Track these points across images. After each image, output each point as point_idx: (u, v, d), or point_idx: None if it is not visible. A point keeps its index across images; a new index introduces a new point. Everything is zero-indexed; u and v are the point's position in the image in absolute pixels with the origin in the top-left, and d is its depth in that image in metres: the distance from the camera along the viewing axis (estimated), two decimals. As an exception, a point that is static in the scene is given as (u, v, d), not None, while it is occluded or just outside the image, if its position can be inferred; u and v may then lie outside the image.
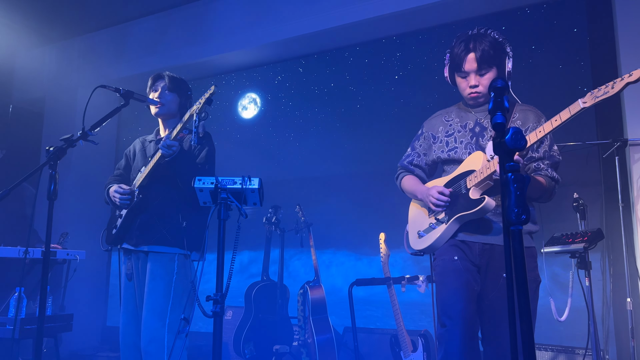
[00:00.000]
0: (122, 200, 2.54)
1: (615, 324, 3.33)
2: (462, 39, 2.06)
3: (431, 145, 2.20)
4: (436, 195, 2.03)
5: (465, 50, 2.02)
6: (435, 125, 2.21)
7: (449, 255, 2.02)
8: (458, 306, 1.91)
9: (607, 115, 3.58)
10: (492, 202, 1.92)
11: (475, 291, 1.95)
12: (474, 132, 2.08)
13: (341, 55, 4.89)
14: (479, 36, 2.03)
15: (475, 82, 2.03)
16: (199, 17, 5.20)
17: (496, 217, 1.99)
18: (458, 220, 2.01)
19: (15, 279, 3.61)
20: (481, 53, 1.98)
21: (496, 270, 1.96)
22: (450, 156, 2.11)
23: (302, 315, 3.75)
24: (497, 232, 1.97)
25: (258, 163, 5.07)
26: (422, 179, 2.26)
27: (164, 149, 2.33)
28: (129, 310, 2.54)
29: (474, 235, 2.00)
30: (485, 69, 2.01)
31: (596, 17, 3.77)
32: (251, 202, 2.07)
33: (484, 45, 1.99)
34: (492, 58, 2.00)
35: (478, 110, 2.11)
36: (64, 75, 5.78)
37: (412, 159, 2.28)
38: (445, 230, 2.03)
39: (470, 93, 2.06)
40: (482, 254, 1.99)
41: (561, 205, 3.45)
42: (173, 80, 2.65)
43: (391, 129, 4.46)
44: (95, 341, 5.51)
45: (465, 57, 2.02)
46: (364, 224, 4.40)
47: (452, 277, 1.97)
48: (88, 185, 5.52)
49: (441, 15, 4.24)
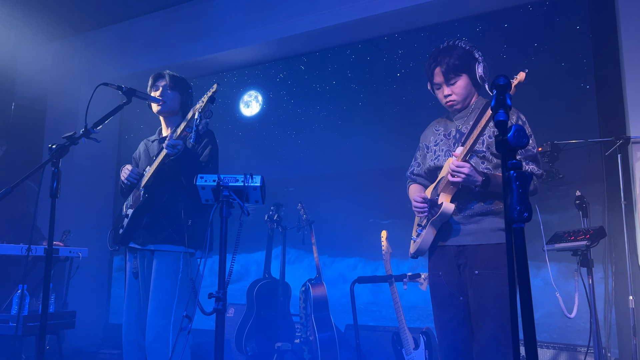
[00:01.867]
0: (129, 178, 2.56)
1: (618, 321, 3.32)
2: (432, 54, 2.19)
3: (425, 155, 2.31)
4: (413, 203, 2.17)
5: (433, 64, 2.15)
6: (428, 135, 2.32)
7: (435, 270, 2.17)
8: (443, 318, 2.10)
9: (609, 113, 3.57)
10: (449, 207, 2.04)
11: (460, 301, 2.07)
12: (455, 138, 2.17)
13: (343, 52, 4.89)
14: (446, 49, 2.13)
15: (448, 91, 2.13)
16: (200, 14, 5.19)
17: (464, 220, 2.07)
18: (432, 225, 2.12)
19: (18, 276, 3.62)
20: (446, 66, 2.09)
21: (469, 269, 2.04)
22: (435, 164, 2.21)
23: (304, 313, 3.75)
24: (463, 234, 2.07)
25: (260, 161, 5.08)
26: (425, 185, 2.36)
27: (169, 148, 2.34)
28: (133, 308, 2.55)
29: (449, 239, 2.11)
30: (454, 78, 2.11)
31: (599, 14, 3.76)
32: (253, 200, 2.08)
33: (449, 58, 2.09)
34: (458, 67, 2.09)
35: (458, 117, 2.21)
36: (66, 72, 5.78)
37: (413, 169, 2.43)
38: (425, 236, 2.15)
39: (447, 102, 2.17)
40: (458, 256, 2.09)
41: (563, 202, 3.45)
42: (173, 79, 2.67)
43: (393, 127, 4.45)
44: (97, 338, 5.53)
45: (433, 71, 2.16)
46: (366, 221, 4.40)
47: (437, 291, 2.15)
48: (90, 183, 5.54)
49: (443, 13, 4.23)
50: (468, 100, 2.15)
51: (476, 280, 2.01)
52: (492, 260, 1.97)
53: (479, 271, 2.00)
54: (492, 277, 1.96)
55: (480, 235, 2.04)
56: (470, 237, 2.05)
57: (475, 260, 2.02)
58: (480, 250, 2.03)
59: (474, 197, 2.06)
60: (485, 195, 2.04)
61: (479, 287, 1.99)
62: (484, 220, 2.04)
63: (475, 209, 2.05)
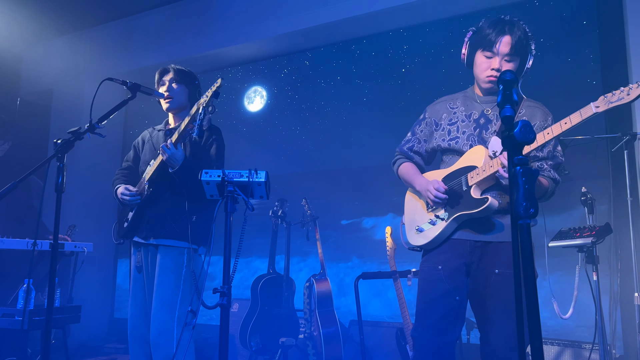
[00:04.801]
0: (131, 201, 2.56)
1: (623, 318, 3.31)
2: (496, 20, 1.99)
3: (433, 132, 2.14)
4: (434, 192, 1.98)
5: (501, 32, 1.94)
6: (439, 111, 2.14)
7: (434, 262, 2.01)
8: (433, 317, 1.95)
9: (616, 109, 3.53)
10: (495, 203, 1.88)
11: (456, 300, 1.94)
12: (478, 123, 2.02)
13: (348, 48, 4.87)
14: (514, 22, 1.97)
15: (499, 65, 1.96)
16: (205, 9, 5.19)
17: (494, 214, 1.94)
18: (458, 219, 1.97)
19: (23, 270, 3.64)
20: (517, 39, 1.93)
21: (487, 267, 1.93)
22: (451, 146, 2.05)
23: (308, 308, 3.76)
24: (491, 230, 1.94)
25: (264, 156, 5.07)
26: (421, 167, 2.21)
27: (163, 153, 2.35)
28: (138, 303, 2.56)
29: (465, 232, 1.97)
30: (513, 57, 1.96)
31: (606, 9, 3.73)
32: (258, 195, 2.08)
33: (520, 32, 1.94)
34: (523, 48, 1.96)
35: (484, 100, 2.05)
36: (71, 68, 5.79)
37: (412, 145, 2.22)
38: (444, 228, 1.99)
39: (489, 76, 1.98)
40: (472, 251, 1.96)
41: (569, 199, 3.43)
42: (179, 73, 2.65)
43: (398, 122, 4.43)
44: (102, 332, 5.56)
45: (500, 38, 1.94)
46: (370, 217, 4.40)
47: (432, 286, 1.98)
48: (96, 177, 5.55)
49: (449, 8, 4.21)
50: None
51: (495, 280, 1.90)
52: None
53: (499, 270, 1.89)
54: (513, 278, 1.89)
55: (503, 233, 1.92)
56: (493, 234, 1.93)
57: (496, 259, 1.91)
58: (503, 248, 1.92)
59: (501, 191, 1.94)
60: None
61: (498, 287, 1.88)
62: (508, 216, 1.90)
63: (501, 203, 1.93)
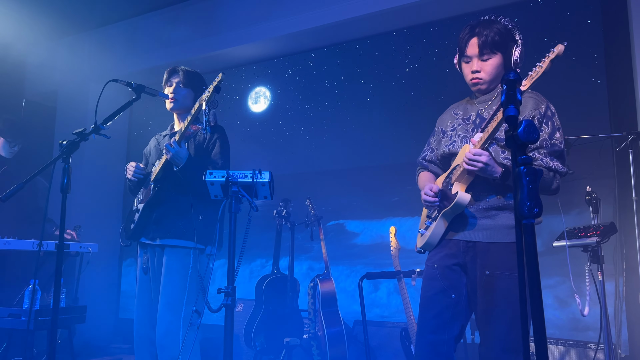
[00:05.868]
0: (135, 175, 2.57)
1: (628, 318, 3.30)
2: (470, 24, 2.01)
3: (440, 140, 2.16)
4: (423, 195, 2.02)
5: (469, 35, 1.97)
6: (445, 119, 2.17)
7: (431, 261, 2.04)
8: (429, 314, 1.97)
9: (621, 108, 3.54)
10: (464, 197, 1.87)
11: (452, 298, 1.95)
12: (474, 123, 2.02)
13: (351, 48, 4.87)
14: (487, 22, 1.97)
15: (477, 67, 1.96)
16: (209, 10, 5.20)
17: (478, 213, 1.93)
18: (444, 217, 1.98)
19: (29, 271, 3.66)
20: (484, 38, 1.92)
21: (479, 268, 1.92)
22: (449, 150, 2.06)
23: (313, 308, 3.76)
24: (475, 228, 1.93)
25: (268, 157, 5.08)
26: (437, 174, 2.22)
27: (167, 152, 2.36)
28: (144, 303, 2.57)
29: (458, 233, 1.97)
30: (488, 55, 1.94)
31: (610, 8, 3.72)
32: (262, 196, 2.09)
33: (490, 31, 1.93)
34: (496, 44, 1.92)
35: (480, 100, 2.05)
36: (76, 69, 5.81)
37: (425, 154, 2.27)
38: (435, 228, 2.01)
39: (472, 78, 1.99)
40: (466, 252, 1.96)
41: (574, 198, 3.42)
42: (187, 75, 2.65)
43: (402, 122, 4.44)
44: (108, 333, 5.58)
45: (468, 41, 1.97)
46: (375, 217, 4.40)
47: (428, 284, 2.01)
48: (100, 178, 5.58)
49: (452, 8, 4.20)
50: (496, 83, 1.99)
51: (487, 281, 1.87)
52: (506, 261, 1.83)
53: (490, 271, 1.87)
54: (505, 278, 1.82)
55: (494, 232, 1.90)
56: (483, 233, 1.91)
57: (487, 259, 1.89)
58: (493, 248, 1.89)
59: (491, 189, 1.91)
60: (504, 189, 1.88)
61: (490, 288, 1.86)
62: (500, 216, 1.90)
63: (492, 202, 1.91)
